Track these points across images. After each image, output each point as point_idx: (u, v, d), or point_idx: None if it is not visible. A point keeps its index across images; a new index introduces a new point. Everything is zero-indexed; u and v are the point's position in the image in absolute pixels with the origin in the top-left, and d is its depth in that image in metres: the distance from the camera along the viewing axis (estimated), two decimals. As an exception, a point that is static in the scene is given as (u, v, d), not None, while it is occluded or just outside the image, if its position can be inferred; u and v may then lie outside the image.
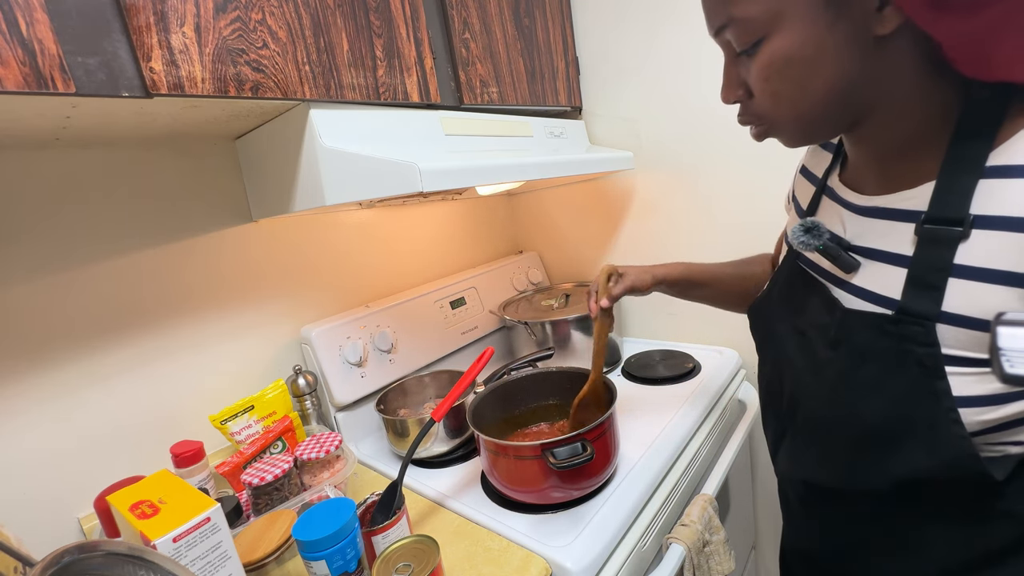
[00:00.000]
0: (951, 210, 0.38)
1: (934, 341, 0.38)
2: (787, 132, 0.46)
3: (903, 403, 0.40)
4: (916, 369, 0.39)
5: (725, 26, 0.43)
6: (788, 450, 0.57)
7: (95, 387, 0.79)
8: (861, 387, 0.43)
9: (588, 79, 1.28)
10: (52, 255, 0.75)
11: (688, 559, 0.72)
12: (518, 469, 0.73)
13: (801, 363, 0.50)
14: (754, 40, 0.41)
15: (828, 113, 0.43)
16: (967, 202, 0.37)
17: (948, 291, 0.38)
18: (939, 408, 0.38)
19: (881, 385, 0.42)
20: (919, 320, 0.39)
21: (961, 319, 0.38)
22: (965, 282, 0.38)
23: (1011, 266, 0.35)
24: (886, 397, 0.41)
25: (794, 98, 0.42)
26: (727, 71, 0.46)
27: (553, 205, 1.48)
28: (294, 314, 1.04)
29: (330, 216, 1.10)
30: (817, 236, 0.46)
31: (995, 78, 0.37)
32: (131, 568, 0.43)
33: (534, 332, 1.17)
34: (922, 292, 0.39)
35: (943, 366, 0.38)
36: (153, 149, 0.84)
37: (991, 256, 0.36)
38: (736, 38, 0.42)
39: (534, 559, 0.66)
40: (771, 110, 0.44)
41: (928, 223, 0.40)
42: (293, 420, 0.89)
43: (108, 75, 0.53)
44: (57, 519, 0.75)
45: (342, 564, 0.56)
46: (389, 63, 0.80)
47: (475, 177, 0.74)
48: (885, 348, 0.41)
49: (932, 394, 0.39)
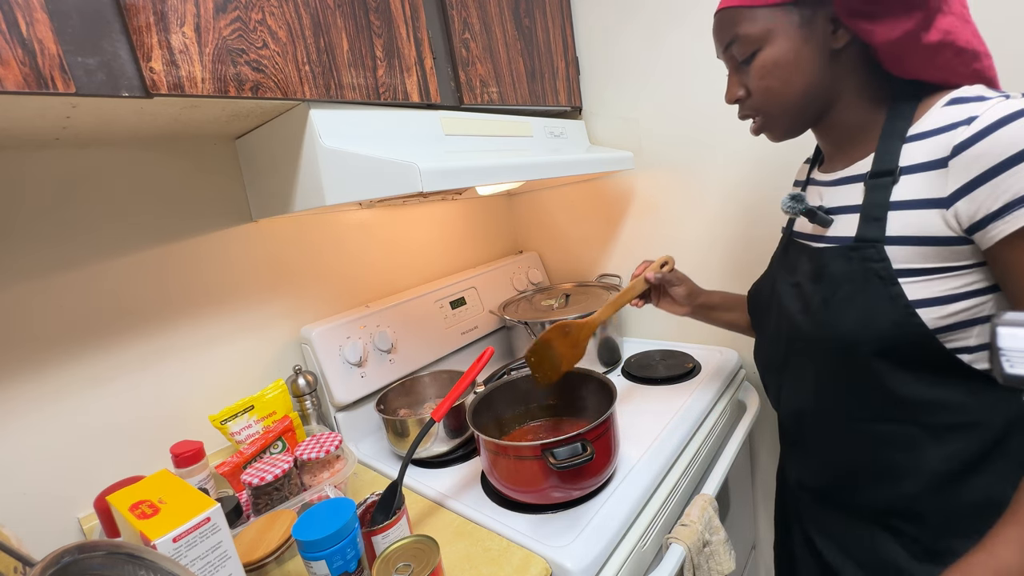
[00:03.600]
0: (886, 165, 0.53)
1: (884, 257, 0.52)
2: (775, 123, 0.62)
3: (871, 308, 0.53)
4: (876, 280, 0.53)
5: (732, 42, 0.59)
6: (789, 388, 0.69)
7: (95, 387, 0.79)
8: (840, 304, 0.56)
9: (588, 79, 1.28)
10: (52, 255, 0.75)
11: (688, 559, 0.72)
12: (518, 469, 0.73)
13: (795, 306, 0.63)
14: (752, 51, 0.58)
15: (804, 105, 0.59)
16: (896, 159, 0.53)
17: (889, 221, 0.52)
18: (898, 308, 0.51)
19: (854, 299, 0.55)
20: (871, 243, 0.53)
21: (901, 239, 0.51)
22: (899, 212, 0.52)
23: (926, 194, 0.50)
24: (859, 307, 0.54)
25: (781, 91, 0.58)
26: (731, 79, 0.63)
27: (553, 205, 1.48)
28: (294, 314, 1.04)
29: (330, 216, 1.10)
30: (800, 201, 0.61)
31: (912, 77, 0.54)
32: (131, 568, 0.43)
33: (534, 332, 1.17)
34: (871, 223, 0.54)
35: (896, 276, 0.51)
36: (153, 149, 0.84)
37: (912, 191, 0.51)
38: (738, 51, 0.59)
39: (534, 559, 0.66)
40: (764, 103, 0.60)
41: (872, 177, 0.55)
42: (293, 420, 0.89)
43: (108, 75, 0.53)
44: (57, 519, 0.75)
45: (342, 564, 0.56)
46: (389, 63, 0.80)
47: (475, 177, 0.74)
48: (852, 270, 0.55)
49: (891, 298, 0.52)
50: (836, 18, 0.54)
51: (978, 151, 0.46)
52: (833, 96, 0.58)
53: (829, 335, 0.57)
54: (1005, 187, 0.44)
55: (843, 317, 0.55)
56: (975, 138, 0.46)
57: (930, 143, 0.50)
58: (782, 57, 0.56)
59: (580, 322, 0.88)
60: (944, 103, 0.51)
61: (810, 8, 0.54)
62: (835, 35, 0.55)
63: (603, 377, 0.86)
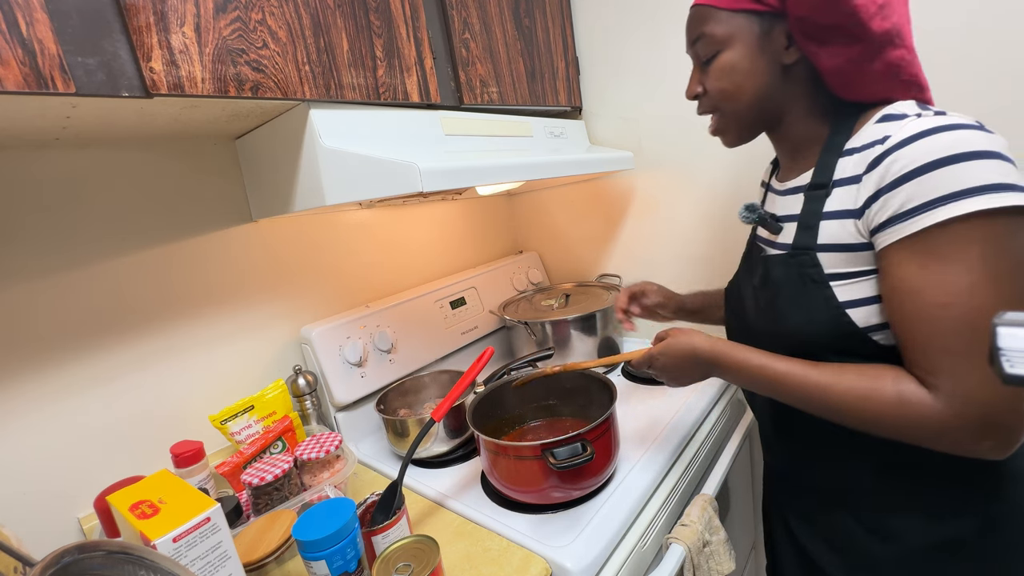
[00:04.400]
0: (821, 178, 0.57)
1: (817, 263, 0.56)
2: (727, 126, 0.66)
3: (809, 309, 0.57)
4: (811, 284, 0.57)
5: (698, 39, 0.62)
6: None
7: (95, 387, 0.79)
8: (783, 306, 0.61)
9: (588, 79, 1.28)
10: (52, 255, 0.75)
11: (688, 559, 0.72)
12: (518, 469, 0.73)
13: (751, 305, 0.69)
14: (713, 52, 0.61)
15: (753, 111, 0.62)
16: (831, 173, 0.56)
17: (820, 230, 0.56)
18: (831, 308, 0.55)
19: (794, 301, 0.59)
20: (804, 251, 0.58)
21: (829, 246, 0.56)
22: (828, 222, 0.56)
23: (846, 205, 0.54)
24: (798, 307, 0.58)
25: (733, 95, 0.62)
26: (693, 75, 0.66)
27: (553, 205, 1.48)
28: (294, 314, 1.04)
29: (330, 216, 1.10)
30: (754, 211, 0.65)
31: (852, 96, 0.58)
32: (131, 568, 0.43)
33: (534, 332, 1.17)
34: (805, 232, 0.58)
35: (827, 280, 0.56)
36: (153, 149, 0.84)
37: (838, 202, 0.55)
38: (702, 49, 0.62)
39: (534, 559, 0.66)
40: (719, 102, 0.64)
41: (810, 189, 0.59)
42: (293, 420, 0.89)
43: (108, 75, 0.53)
44: (57, 519, 0.75)
45: (342, 564, 0.56)
46: (389, 63, 0.80)
47: (475, 177, 0.74)
48: (790, 274, 0.59)
49: (824, 299, 0.56)
50: (791, 34, 0.57)
51: (882, 168, 0.50)
52: (783, 108, 0.62)
53: (778, 332, 0.62)
54: (892, 202, 0.48)
55: (788, 317, 0.60)
56: (883, 156, 0.50)
57: (859, 158, 0.54)
58: (739, 63, 0.60)
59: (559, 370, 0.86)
60: (876, 119, 0.54)
61: (769, 21, 0.58)
62: (787, 50, 0.58)
63: (603, 377, 0.86)
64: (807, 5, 0.53)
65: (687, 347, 0.68)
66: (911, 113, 0.51)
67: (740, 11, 0.58)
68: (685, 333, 0.69)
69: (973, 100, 0.83)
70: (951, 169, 0.45)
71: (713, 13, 0.60)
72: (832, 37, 0.54)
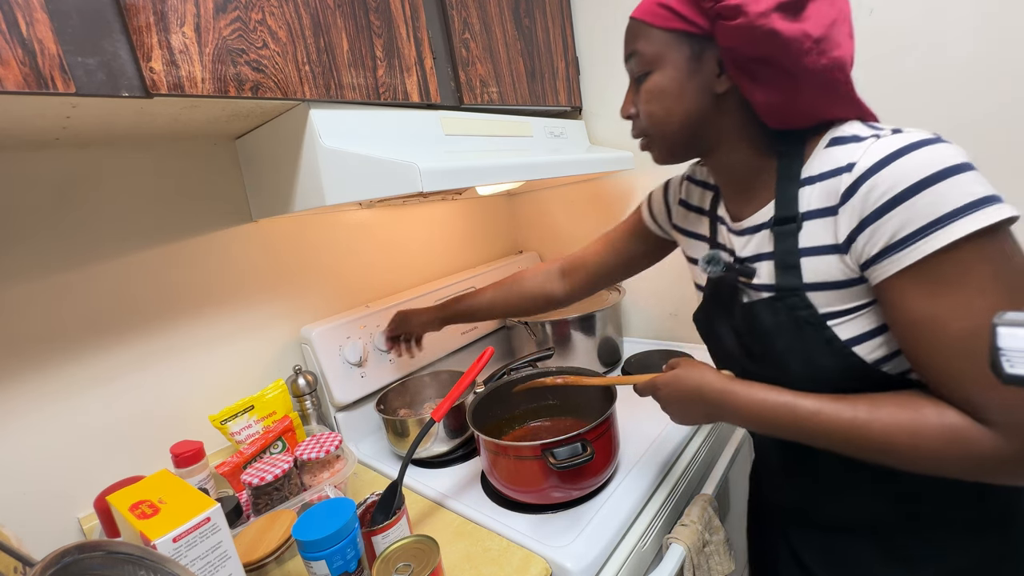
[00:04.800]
0: (787, 211, 0.53)
1: (809, 304, 0.52)
2: (657, 147, 0.61)
3: (811, 354, 0.53)
4: (808, 327, 0.52)
5: (631, 55, 0.58)
6: None
7: (95, 387, 0.79)
8: (782, 355, 0.55)
9: (588, 79, 1.28)
10: (52, 255, 0.75)
11: (688, 559, 0.72)
12: (518, 469, 0.73)
13: (739, 353, 0.63)
14: (644, 71, 0.57)
15: (683, 136, 0.58)
16: (796, 204, 0.52)
17: (803, 267, 0.52)
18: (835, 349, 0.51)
19: (792, 348, 0.54)
20: (793, 292, 0.53)
21: (818, 285, 0.51)
22: (809, 258, 0.51)
23: (826, 240, 0.50)
24: (798, 354, 0.54)
25: (662, 119, 0.57)
26: (627, 95, 0.62)
27: (553, 205, 1.48)
28: (294, 314, 1.04)
29: (330, 216, 1.10)
30: (718, 263, 0.61)
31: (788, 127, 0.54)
32: (131, 568, 0.43)
33: (534, 332, 1.17)
34: (787, 272, 0.53)
35: (824, 320, 0.51)
36: (153, 149, 0.84)
37: (815, 237, 0.51)
38: (635, 66, 0.58)
39: (534, 559, 0.66)
40: (648, 127, 0.59)
41: (776, 224, 0.54)
42: (293, 420, 0.89)
43: (108, 75, 0.53)
44: (57, 519, 0.75)
45: (342, 564, 0.56)
46: (389, 63, 0.80)
47: (475, 177, 0.74)
48: (781, 320, 0.54)
49: (826, 341, 0.51)
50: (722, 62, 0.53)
51: (859, 197, 0.46)
52: (716, 135, 0.57)
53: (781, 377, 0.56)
54: (883, 231, 0.45)
55: (789, 365, 0.55)
56: (855, 185, 0.46)
57: (821, 188, 0.50)
58: (667, 86, 0.55)
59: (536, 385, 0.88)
60: (825, 144, 0.51)
61: (700, 44, 0.53)
62: (719, 78, 0.54)
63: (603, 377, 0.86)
64: (732, 36, 0.49)
65: (693, 383, 0.61)
66: (865, 135, 0.48)
67: (670, 30, 0.54)
68: (696, 367, 0.63)
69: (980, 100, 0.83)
70: (935, 189, 0.42)
71: (645, 30, 0.56)
72: (763, 72, 0.50)
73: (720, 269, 0.60)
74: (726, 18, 0.49)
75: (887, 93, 0.90)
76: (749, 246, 0.59)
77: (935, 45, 0.85)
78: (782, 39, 0.47)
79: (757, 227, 0.57)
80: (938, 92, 0.86)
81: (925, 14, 0.84)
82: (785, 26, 0.46)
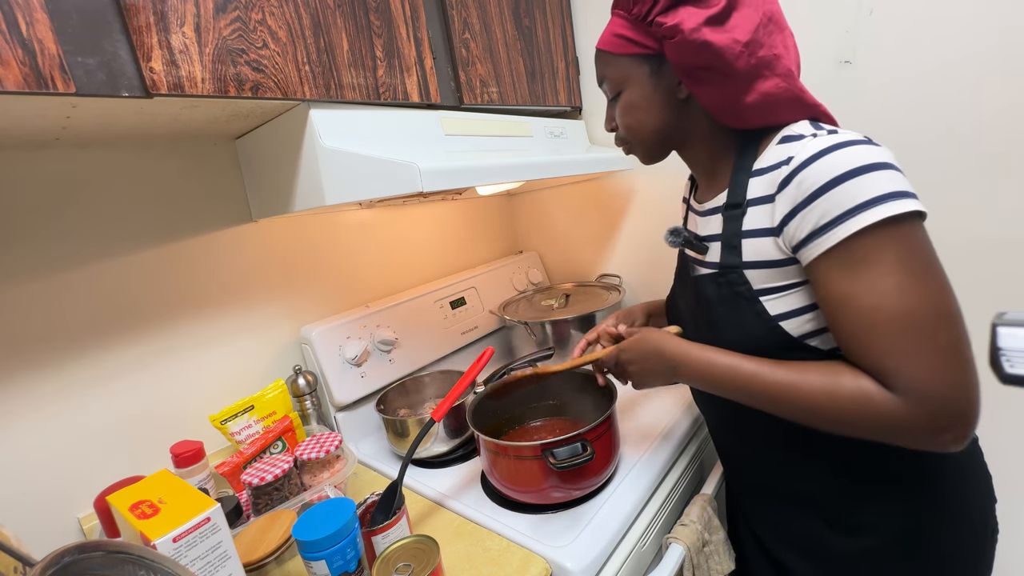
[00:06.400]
0: (736, 198, 0.60)
1: (745, 281, 0.59)
2: (639, 150, 0.70)
3: (745, 325, 0.60)
4: (743, 301, 0.59)
5: (603, 80, 0.68)
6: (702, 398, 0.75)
7: (95, 387, 0.79)
8: (719, 323, 0.63)
9: (588, 79, 1.28)
10: (52, 255, 0.75)
11: (688, 559, 0.72)
12: (518, 469, 0.73)
13: (691, 321, 0.71)
14: (616, 92, 0.67)
15: (656, 139, 0.67)
16: (744, 193, 0.59)
17: (744, 248, 0.59)
18: (764, 322, 0.58)
19: (729, 318, 0.62)
20: (733, 269, 0.60)
21: (753, 263, 0.58)
22: (750, 239, 0.58)
23: (763, 224, 0.57)
24: (734, 324, 0.61)
25: (637, 129, 0.67)
26: (607, 111, 0.71)
27: (553, 205, 1.48)
28: (294, 314, 1.04)
29: (330, 216, 1.10)
30: (678, 235, 0.68)
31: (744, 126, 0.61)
32: (131, 568, 0.43)
33: (534, 332, 1.17)
34: (729, 251, 0.61)
35: (757, 295, 0.58)
36: (153, 149, 0.84)
37: (755, 221, 0.58)
38: (607, 89, 0.68)
39: (534, 559, 0.66)
40: (628, 136, 0.69)
41: (727, 209, 0.61)
42: (293, 420, 0.89)
43: (108, 75, 0.53)
44: (57, 519, 0.75)
45: (342, 564, 0.56)
46: (389, 63, 0.80)
47: (475, 177, 0.74)
48: (723, 294, 0.62)
49: (757, 314, 0.58)
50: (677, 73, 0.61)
51: (792, 187, 0.52)
52: (684, 135, 0.66)
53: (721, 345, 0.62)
54: (809, 218, 0.51)
55: (726, 333, 0.62)
56: (791, 176, 0.53)
57: (766, 178, 0.57)
58: (636, 101, 0.64)
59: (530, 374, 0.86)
60: (777, 141, 0.58)
61: (656, 62, 0.62)
62: (679, 87, 0.62)
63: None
64: (676, 51, 0.57)
65: (654, 345, 0.68)
66: (807, 133, 0.55)
67: (629, 56, 0.63)
68: (655, 332, 0.70)
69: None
70: (854, 182, 0.48)
71: (609, 58, 0.65)
72: (706, 77, 0.58)
73: (679, 241, 0.68)
74: (668, 37, 0.57)
75: (887, 93, 0.90)
76: (706, 226, 0.67)
77: (935, 45, 0.85)
78: (715, 48, 0.54)
79: (712, 210, 0.66)
80: (938, 92, 0.86)
81: (925, 14, 0.84)
82: (715, 36, 0.54)
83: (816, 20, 0.93)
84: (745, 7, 0.55)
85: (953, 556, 0.60)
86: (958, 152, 0.86)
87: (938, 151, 0.87)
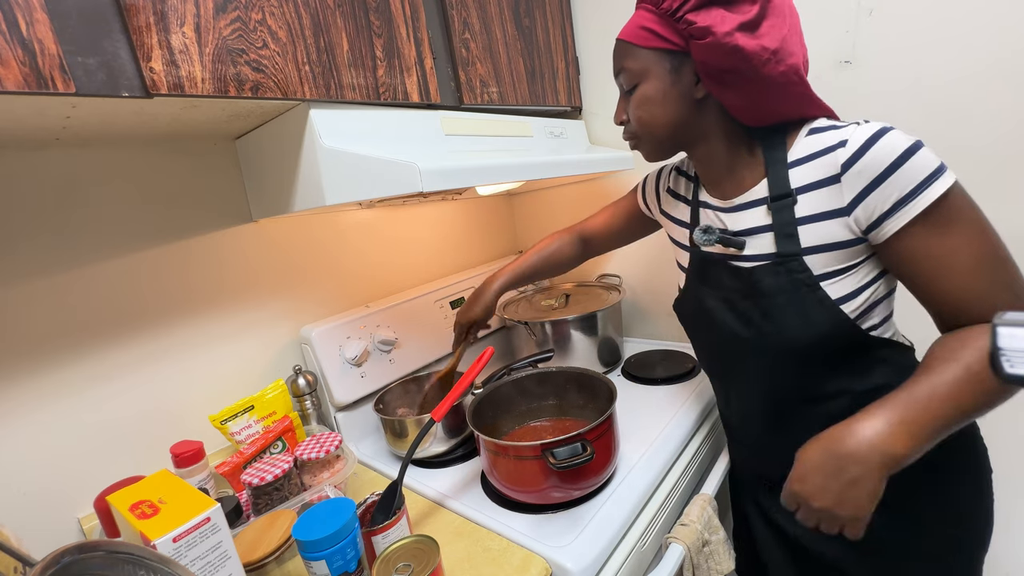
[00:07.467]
0: (782, 189, 0.61)
1: (806, 268, 0.60)
2: (646, 146, 0.71)
3: (806, 312, 0.61)
4: (804, 288, 0.60)
5: (620, 71, 0.68)
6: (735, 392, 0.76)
7: (95, 387, 0.79)
8: (779, 313, 0.63)
9: (588, 79, 1.28)
10: (52, 255, 0.75)
11: (688, 559, 0.72)
12: (518, 469, 0.73)
13: (732, 320, 0.69)
14: (632, 84, 0.66)
15: (669, 137, 0.68)
16: (788, 183, 0.61)
17: (801, 235, 0.60)
18: (827, 307, 0.59)
19: (789, 307, 0.62)
20: (792, 257, 0.61)
21: (814, 248, 0.60)
22: (806, 226, 0.60)
23: (827, 207, 0.58)
24: (796, 313, 0.61)
25: (650, 123, 0.67)
26: (619, 103, 0.72)
27: (553, 205, 1.48)
28: (294, 314, 1.04)
29: (330, 216, 1.10)
30: (712, 233, 0.68)
31: (762, 124, 0.63)
32: (131, 568, 0.43)
33: (534, 332, 1.17)
34: (786, 240, 0.61)
35: (818, 281, 0.60)
36: (153, 149, 0.84)
37: (812, 206, 0.59)
38: (624, 80, 0.68)
39: (534, 559, 0.66)
40: (639, 130, 0.69)
41: (774, 200, 0.62)
42: (293, 420, 0.89)
43: (108, 75, 0.53)
44: (57, 519, 0.75)
45: (342, 564, 0.56)
46: (389, 63, 0.80)
47: (475, 177, 0.74)
48: (782, 283, 0.62)
49: (819, 301, 0.60)
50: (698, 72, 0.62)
51: (861, 166, 0.55)
52: (699, 134, 0.67)
53: (776, 341, 0.64)
54: (889, 191, 0.54)
55: (786, 324, 0.62)
56: (855, 156, 0.55)
57: (813, 166, 0.59)
58: (653, 95, 0.65)
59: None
60: (805, 134, 0.61)
61: (678, 59, 0.62)
62: (697, 86, 0.63)
63: (603, 377, 0.86)
64: (704, 52, 0.58)
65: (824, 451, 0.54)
66: (842, 124, 0.59)
67: (652, 49, 0.63)
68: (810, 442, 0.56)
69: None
70: (917, 157, 0.53)
71: (630, 49, 0.65)
72: (732, 80, 0.59)
73: (714, 239, 0.68)
74: (698, 38, 0.58)
75: (887, 93, 0.90)
76: (739, 221, 0.67)
77: (935, 46, 0.85)
78: (745, 53, 0.56)
79: (746, 204, 0.66)
80: (938, 92, 0.86)
81: (924, 14, 0.84)
82: (746, 42, 0.55)
83: (816, 20, 0.93)
84: (774, 16, 0.57)
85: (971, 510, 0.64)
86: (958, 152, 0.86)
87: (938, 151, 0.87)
